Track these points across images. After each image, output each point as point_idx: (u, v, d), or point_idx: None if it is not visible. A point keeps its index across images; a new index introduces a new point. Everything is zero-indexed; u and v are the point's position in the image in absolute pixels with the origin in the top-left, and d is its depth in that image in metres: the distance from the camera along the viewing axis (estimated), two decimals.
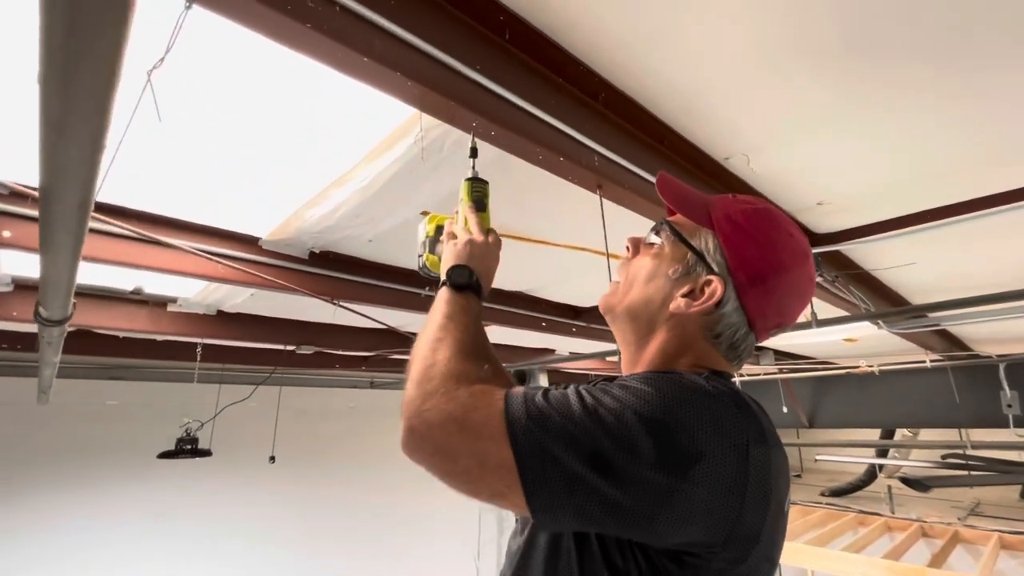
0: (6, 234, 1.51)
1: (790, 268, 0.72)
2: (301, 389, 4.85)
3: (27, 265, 1.99)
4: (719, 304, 0.70)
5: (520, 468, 0.55)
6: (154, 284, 2.40)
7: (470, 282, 0.81)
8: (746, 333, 0.73)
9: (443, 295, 0.79)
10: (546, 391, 0.62)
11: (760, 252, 0.71)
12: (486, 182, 0.97)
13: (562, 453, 0.55)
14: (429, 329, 0.73)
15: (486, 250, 0.88)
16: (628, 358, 0.79)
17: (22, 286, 2.20)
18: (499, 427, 0.57)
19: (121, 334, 2.93)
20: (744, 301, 0.70)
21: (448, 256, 0.87)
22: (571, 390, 0.62)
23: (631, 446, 0.55)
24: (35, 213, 1.49)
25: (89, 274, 2.19)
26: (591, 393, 0.60)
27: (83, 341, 2.89)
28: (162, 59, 0.69)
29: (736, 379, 0.79)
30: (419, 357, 0.68)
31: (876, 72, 1.15)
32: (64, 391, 3.77)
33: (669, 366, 0.71)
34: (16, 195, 1.45)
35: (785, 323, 0.75)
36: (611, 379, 0.88)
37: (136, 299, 2.53)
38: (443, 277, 0.83)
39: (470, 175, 0.98)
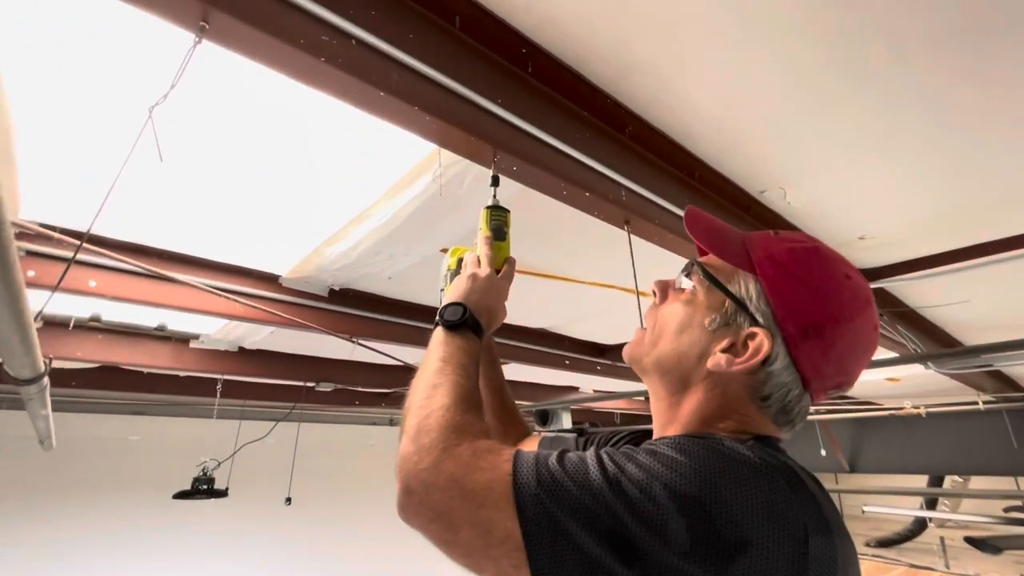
0: (31, 273, 1.51)
1: (850, 317, 0.60)
2: (320, 426, 4.77)
3: (51, 301, 1.99)
4: (766, 361, 0.59)
5: (528, 545, 0.47)
6: (177, 321, 2.40)
7: (464, 320, 0.73)
8: (800, 394, 0.61)
9: (437, 336, 0.72)
10: (562, 453, 0.53)
11: (813, 299, 0.60)
12: (507, 210, 0.92)
13: (577, 530, 0.46)
14: (424, 375, 0.66)
15: (488, 285, 0.80)
16: (659, 415, 0.68)
17: (49, 323, 2.22)
18: (504, 493, 0.49)
19: (145, 370, 2.94)
20: (796, 357, 0.59)
21: (449, 292, 0.81)
22: (590, 454, 0.53)
23: (659, 527, 0.45)
24: (57, 252, 1.50)
25: (114, 311, 2.20)
26: (614, 459, 0.51)
27: (109, 376, 2.90)
28: (165, 95, 0.66)
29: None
30: (414, 407, 0.61)
31: (923, 95, 1.06)
32: (90, 426, 3.79)
33: (707, 430, 0.61)
34: (41, 236, 1.45)
35: (847, 382, 0.63)
36: (639, 436, 0.77)
37: (160, 335, 2.53)
38: (436, 316, 0.75)
39: (490, 203, 0.92)
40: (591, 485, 0.49)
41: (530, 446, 0.94)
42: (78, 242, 0.97)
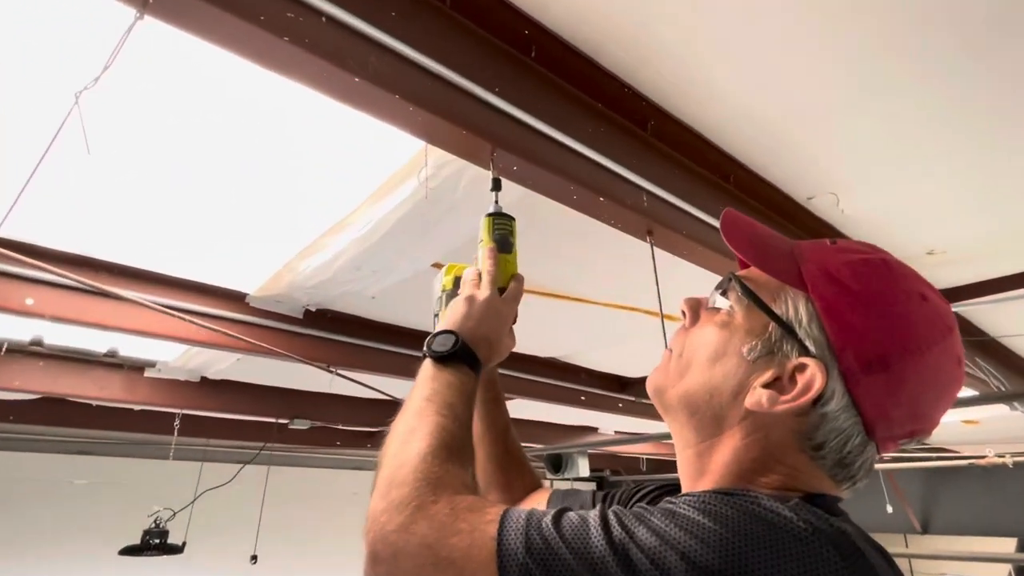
0: None
1: (926, 347, 0.56)
2: (293, 470, 4.73)
3: None
4: (818, 400, 0.55)
5: None
6: (130, 346, 2.39)
7: (454, 351, 0.71)
8: (863, 443, 0.57)
9: (424, 371, 0.71)
10: (559, 513, 0.51)
11: (879, 324, 0.56)
12: (511, 218, 0.91)
13: None
14: (403, 417, 0.65)
15: (487, 309, 0.78)
16: (686, 468, 0.64)
17: None
18: (486, 563, 0.47)
19: (93, 402, 2.93)
20: (857, 396, 0.55)
21: (443, 317, 0.79)
22: (594, 514, 0.51)
23: None
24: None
25: (57, 333, 2.19)
26: (622, 522, 0.49)
27: (52, 410, 2.89)
28: (96, 78, 0.65)
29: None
30: (388, 455, 0.60)
31: (999, 84, 1.04)
32: (27, 467, 3.77)
33: (744, 486, 0.57)
34: None
35: (923, 430, 0.59)
36: (670, 489, 0.73)
37: (110, 362, 2.53)
38: (424, 347, 0.74)
39: (492, 210, 0.91)
40: (591, 555, 0.46)
41: (539, 500, 0.91)
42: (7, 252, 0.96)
